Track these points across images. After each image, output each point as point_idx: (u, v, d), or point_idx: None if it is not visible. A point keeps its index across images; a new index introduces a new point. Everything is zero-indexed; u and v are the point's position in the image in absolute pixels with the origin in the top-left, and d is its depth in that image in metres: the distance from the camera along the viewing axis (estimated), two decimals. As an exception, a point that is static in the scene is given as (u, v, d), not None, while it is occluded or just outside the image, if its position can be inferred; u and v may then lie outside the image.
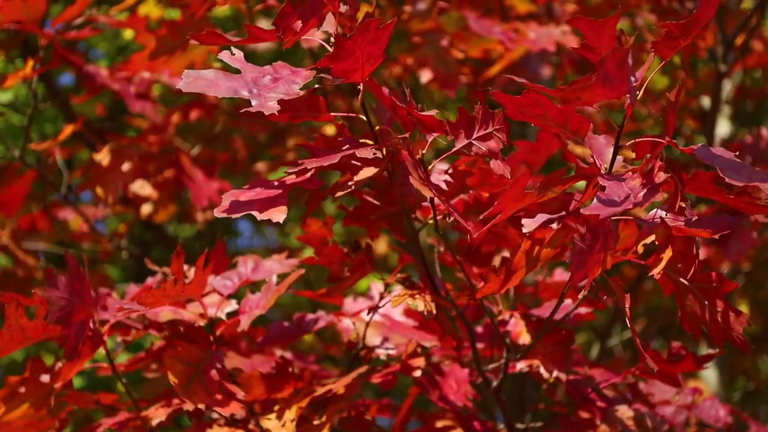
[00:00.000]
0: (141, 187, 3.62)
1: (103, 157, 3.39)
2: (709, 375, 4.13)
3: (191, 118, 3.71)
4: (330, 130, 3.71)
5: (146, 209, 3.80)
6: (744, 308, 4.83)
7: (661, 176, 1.63)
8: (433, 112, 1.77)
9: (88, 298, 2.03)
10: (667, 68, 3.62)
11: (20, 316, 2.05)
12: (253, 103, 1.70)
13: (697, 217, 1.70)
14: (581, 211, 1.60)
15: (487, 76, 3.53)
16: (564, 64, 3.65)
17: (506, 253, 2.35)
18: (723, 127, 4.25)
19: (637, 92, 1.68)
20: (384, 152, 1.84)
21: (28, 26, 2.92)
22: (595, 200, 1.62)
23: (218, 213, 1.73)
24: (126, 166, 3.38)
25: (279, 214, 1.73)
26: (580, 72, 3.67)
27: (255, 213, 1.73)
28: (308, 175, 1.80)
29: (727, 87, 4.17)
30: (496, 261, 2.34)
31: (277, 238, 5.56)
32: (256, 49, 3.99)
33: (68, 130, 3.19)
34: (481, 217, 1.75)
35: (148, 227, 4.14)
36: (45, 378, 2.13)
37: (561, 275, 2.65)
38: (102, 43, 5.03)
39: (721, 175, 1.64)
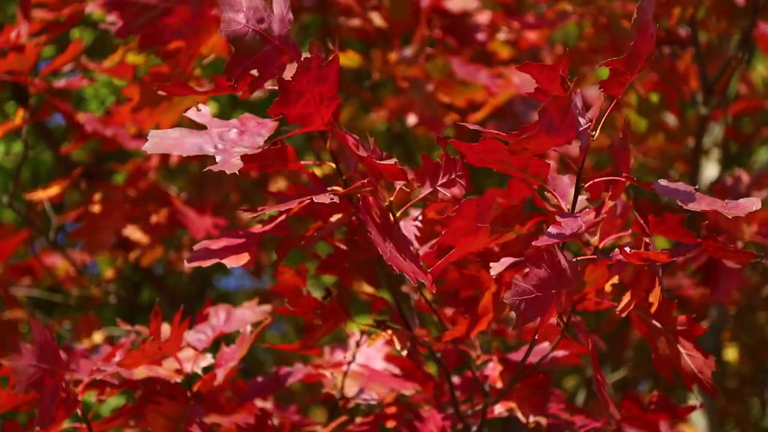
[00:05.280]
0: (132, 232, 3.64)
1: (95, 204, 3.42)
2: (699, 419, 4.11)
3: (172, 160, 3.73)
4: (317, 170, 3.73)
5: (134, 255, 3.82)
6: (733, 352, 4.83)
7: (609, 204, 1.63)
8: (392, 161, 1.78)
9: (58, 361, 2.03)
10: (645, 110, 3.64)
11: None
12: (217, 159, 1.71)
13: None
14: (532, 243, 1.59)
15: (472, 121, 3.55)
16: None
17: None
18: (712, 170, 4.26)
19: (592, 133, 1.69)
20: (353, 199, 1.85)
21: (19, 77, 2.94)
22: (545, 233, 1.62)
23: (189, 263, 1.74)
24: (118, 214, 3.41)
25: (242, 260, 1.73)
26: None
27: (221, 260, 1.74)
28: (278, 222, 1.81)
29: (716, 130, 4.19)
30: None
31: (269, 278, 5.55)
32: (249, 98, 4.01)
33: (66, 181, 3.21)
34: (428, 246, 1.74)
35: (137, 269, 4.15)
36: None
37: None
38: (91, 87, 5.05)
39: (680, 204, 1.65)
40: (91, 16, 4.59)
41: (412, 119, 3.58)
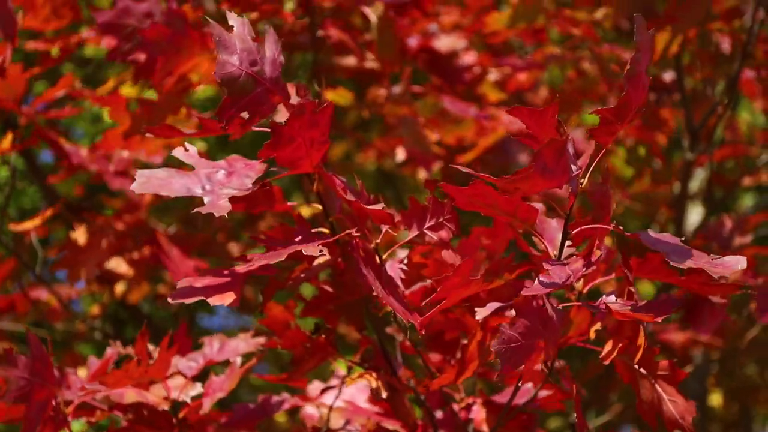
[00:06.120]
0: (117, 265, 3.63)
1: (79, 235, 3.41)
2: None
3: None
4: (305, 210, 3.74)
5: (120, 288, 3.81)
6: (717, 397, 4.84)
7: (597, 253, 1.64)
8: (380, 206, 1.79)
9: (51, 377, 2.03)
10: (635, 160, 3.67)
11: None
12: (205, 200, 1.73)
13: (644, 303, 1.71)
14: (521, 292, 1.60)
15: (462, 161, 3.58)
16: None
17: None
18: (696, 215, 4.29)
19: (581, 180, 1.70)
20: (339, 240, 1.86)
21: (7, 104, 2.94)
22: (536, 282, 1.63)
23: (172, 300, 1.75)
24: (102, 245, 3.40)
25: (227, 299, 1.74)
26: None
27: (206, 298, 1.75)
28: (263, 263, 1.81)
29: (701, 175, 4.22)
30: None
31: (252, 319, 5.56)
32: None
33: (48, 212, 3.21)
34: (424, 303, 1.75)
35: (123, 306, 4.14)
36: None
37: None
38: (82, 123, 5.08)
39: (666, 258, 1.65)
40: (84, 53, 4.62)
41: (400, 155, 3.60)
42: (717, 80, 3.86)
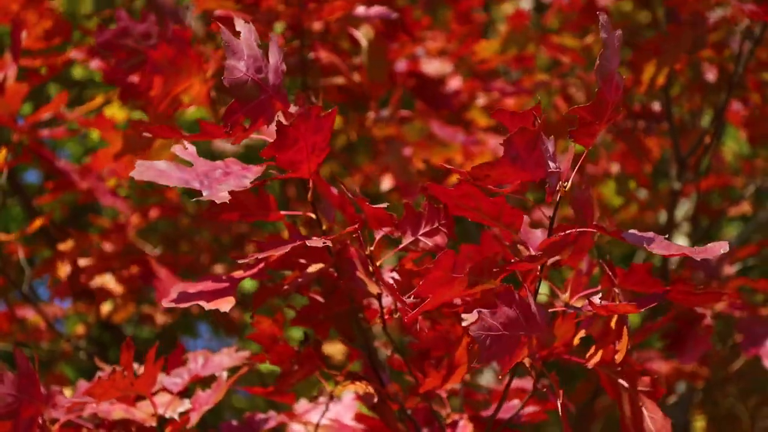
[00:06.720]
0: (105, 281, 3.62)
1: (65, 246, 3.41)
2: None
3: (151, 216, 3.74)
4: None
5: (106, 308, 3.79)
6: (701, 425, 4.83)
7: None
8: (383, 205, 1.80)
9: (38, 395, 2.02)
10: (623, 188, 3.70)
11: None
12: (204, 193, 1.74)
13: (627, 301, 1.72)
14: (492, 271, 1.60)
15: (449, 184, 3.59)
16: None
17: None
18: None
19: (564, 183, 1.70)
20: (331, 249, 1.87)
21: (3, 119, 2.95)
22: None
23: (166, 304, 1.75)
24: (88, 261, 3.40)
25: (226, 304, 1.74)
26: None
27: (203, 303, 1.75)
28: (258, 268, 1.82)
29: (686, 205, 4.25)
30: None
31: (235, 341, 5.54)
32: (224, 150, 4.06)
33: (37, 223, 3.20)
34: (406, 297, 1.75)
35: (106, 328, 4.12)
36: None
37: (515, 382, 2.65)
38: (70, 144, 5.08)
39: (648, 249, 1.65)
40: (70, 74, 4.63)
41: (386, 183, 3.62)
42: (703, 110, 3.90)
